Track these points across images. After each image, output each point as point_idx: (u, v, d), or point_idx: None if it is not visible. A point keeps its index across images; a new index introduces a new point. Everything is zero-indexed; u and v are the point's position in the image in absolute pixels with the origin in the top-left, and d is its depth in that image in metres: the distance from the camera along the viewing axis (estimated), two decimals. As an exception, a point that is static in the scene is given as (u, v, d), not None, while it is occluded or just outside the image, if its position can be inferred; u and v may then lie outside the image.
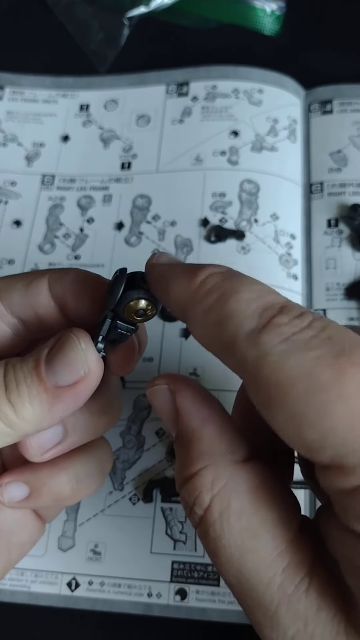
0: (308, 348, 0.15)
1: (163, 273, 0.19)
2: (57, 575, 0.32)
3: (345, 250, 0.38)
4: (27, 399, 0.19)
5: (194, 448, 0.18)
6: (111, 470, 0.33)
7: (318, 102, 0.43)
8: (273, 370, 0.15)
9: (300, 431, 0.15)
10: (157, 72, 0.45)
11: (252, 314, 0.16)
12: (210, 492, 0.17)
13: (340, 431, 0.14)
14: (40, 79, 0.46)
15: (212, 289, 0.17)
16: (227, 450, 0.18)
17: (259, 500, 0.17)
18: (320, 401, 0.14)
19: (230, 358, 0.17)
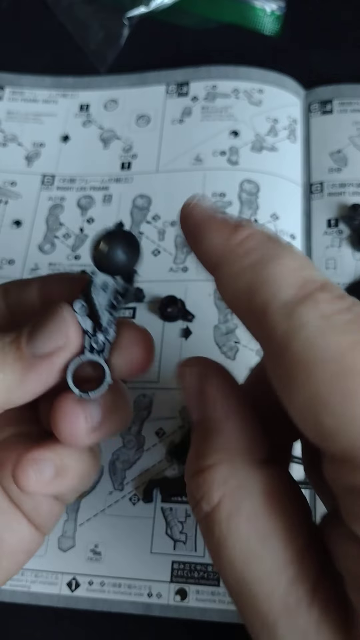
0: (345, 331, 0.14)
1: (201, 218, 0.17)
2: (57, 576, 0.32)
3: (345, 250, 0.38)
4: (1, 367, 0.19)
5: (212, 439, 0.17)
6: (111, 470, 0.33)
7: (318, 102, 0.43)
8: (305, 346, 0.14)
9: (318, 415, 0.14)
10: (157, 72, 0.45)
11: (293, 283, 0.15)
12: (222, 489, 0.16)
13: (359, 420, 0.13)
14: (40, 79, 0.46)
15: (253, 248, 0.16)
16: (247, 449, 0.17)
17: (272, 506, 0.16)
18: (347, 387, 0.13)
19: (257, 325, 0.16)
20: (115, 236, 0.20)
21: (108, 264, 0.20)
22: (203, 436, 0.18)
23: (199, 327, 0.36)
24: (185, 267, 0.38)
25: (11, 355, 0.19)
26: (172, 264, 0.38)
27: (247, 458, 0.17)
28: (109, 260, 0.20)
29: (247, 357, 0.35)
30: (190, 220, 0.18)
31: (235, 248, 0.16)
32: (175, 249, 0.39)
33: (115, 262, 0.20)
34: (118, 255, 0.20)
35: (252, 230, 0.17)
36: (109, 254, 0.20)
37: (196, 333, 0.36)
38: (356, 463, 0.14)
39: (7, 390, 0.19)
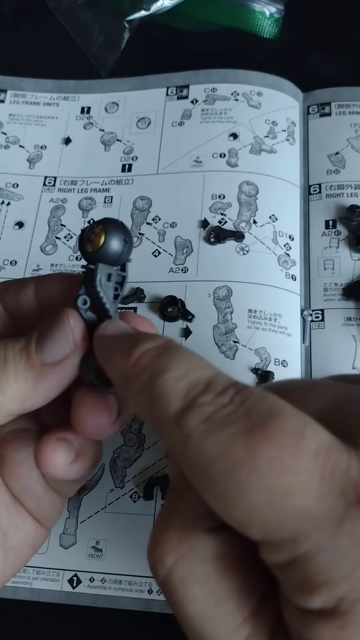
0: (225, 426, 0.15)
1: (105, 348, 0.19)
2: (58, 572, 0.32)
3: (343, 251, 0.38)
4: (12, 376, 0.20)
5: (175, 503, 0.18)
6: (112, 468, 0.34)
7: (316, 105, 0.43)
8: (195, 451, 0.15)
9: (227, 511, 0.15)
10: (157, 75, 0.45)
11: (178, 394, 0.16)
12: (174, 554, 0.17)
13: (261, 508, 0.14)
14: (42, 82, 0.46)
15: (144, 369, 0.17)
16: (201, 517, 0.17)
17: (223, 569, 0.17)
18: (238, 479, 0.14)
19: (163, 438, 0.17)
20: (111, 225, 0.20)
21: (109, 254, 0.20)
22: (172, 495, 0.18)
23: (199, 327, 0.37)
24: (185, 268, 0.38)
25: (22, 364, 0.20)
26: (172, 264, 0.39)
27: (202, 524, 0.17)
28: (109, 251, 0.20)
29: (247, 357, 0.35)
30: (97, 349, 0.20)
31: (129, 372, 0.18)
32: (175, 250, 0.39)
33: (115, 252, 0.20)
34: (117, 244, 0.20)
35: (144, 348, 0.18)
36: (109, 244, 0.20)
37: (196, 333, 0.36)
38: (272, 545, 0.15)
39: (21, 398, 0.20)
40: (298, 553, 0.14)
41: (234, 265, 0.38)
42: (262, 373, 0.35)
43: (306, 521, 0.14)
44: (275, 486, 0.14)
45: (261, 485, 0.14)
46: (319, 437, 0.15)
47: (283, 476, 0.14)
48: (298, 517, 0.14)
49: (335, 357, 0.36)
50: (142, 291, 0.37)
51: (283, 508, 0.14)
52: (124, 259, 0.21)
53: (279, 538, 0.14)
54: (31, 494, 0.23)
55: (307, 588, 0.14)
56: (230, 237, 0.38)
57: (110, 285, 0.21)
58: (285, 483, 0.14)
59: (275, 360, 0.35)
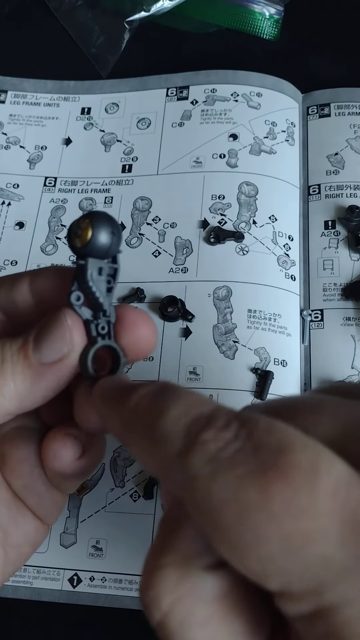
0: (233, 466, 0.14)
1: (101, 405, 0.19)
2: (59, 572, 0.32)
3: (343, 251, 0.38)
4: (10, 376, 0.20)
5: (170, 538, 0.16)
6: (112, 467, 0.34)
7: (316, 106, 0.43)
8: (202, 495, 0.14)
9: (241, 561, 0.13)
10: (157, 76, 0.45)
11: (179, 433, 0.15)
12: (172, 595, 0.15)
13: (278, 557, 0.13)
14: (42, 82, 0.47)
15: (143, 414, 0.17)
16: (200, 553, 0.16)
17: (225, 610, 0.15)
18: (251, 526, 0.13)
19: (168, 482, 0.16)
20: (97, 218, 0.20)
21: (98, 248, 0.20)
22: (165, 531, 0.17)
23: (199, 326, 0.37)
24: (185, 268, 0.38)
25: (20, 363, 0.20)
26: (172, 264, 0.39)
27: (201, 562, 0.16)
28: (98, 244, 0.20)
29: (246, 357, 0.36)
30: (96, 408, 0.19)
31: (129, 420, 0.17)
32: (175, 250, 0.39)
33: (104, 245, 0.20)
34: (105, 237, 0.20)
35: (140, 393, 0.17)
36: (97, 237, 0.20)
37: (196, 333, 0.37)
38: (292, 596, 0.14)
39: (18, 398, 0.20)
40: (322, 604, 0.13)
41: (234, 266, 0.38)
42: (262, 373, 0.35)
43: (329, 570, 0.13)
44: (292, 532, 0.13)
45: (277, 532, 0.13)
46: (336, 473, 0.13)
47: (300, 521, 0.13)
48: (320, 567, 0.13)
49: (334, 357, 0.36)
50: (142, 291, 0.38)
51: (302, 557, 0.13)
52: (113, 251, 0.20)
53: (300, 589, 0.13)
54: (32, 491, 0.23)
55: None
56: (230, 238, 0.38)
57: (102, 279, 0.21)
58: (302, 529, 0.13)
59: (275, 360, 0.36)
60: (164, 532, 0.17)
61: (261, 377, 0.35)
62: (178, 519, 0.16)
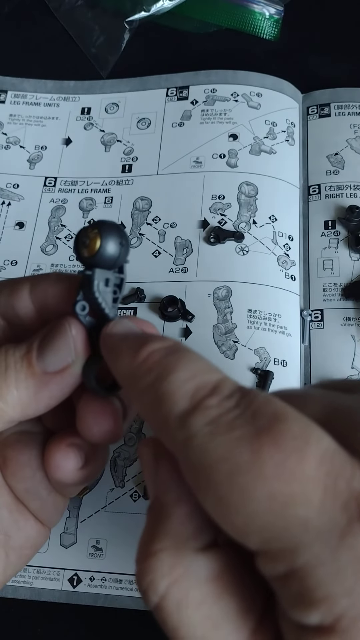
0: (231, 429, 0.15)
1: (112, 346, 0.19)
2: (59, 572, 0.32)
3: (343, 251, 0.38)
4: (14, 384, 0.20)
5: (162, 523, 0.17)
6: (112, 467, 0.34)
7: (316, 106, 0.43)
8: (198, 453, 0.15)
9: (227, 516, 0.14)
10: (157, 76, 0.45)
11: (184, 395, 0.16)
12: (167, 578, 0.16)
13: (261, 515, 0.14)
14: (42, 82, 0.47)
15: (151, 368, 0.17)
16: (192, 535, 0.17)
17: (219, 589, 0.16)
18: (241, 484, 0.14)
19: (164, 438, 0.17)
20: (106, 228, 0.20)
21: (106, 258, 0.19)
22: (154, 518, 0.17)
23: (199, 326, 0.37)
24: (185, 268, 0.38)
25: (23, 372, 0.20)
26: (172, 264, 0.39)
27: (193, 544, 0.17)
28: (106, 255, 0.19)
29: (246, 357, 0.36)
30: (105, 347, 0.20)
31: (136, 369, 0.18)
32: (175, 250, 0.39)
33: (112, 256, 0.20)
34: (113, 248, 0.19)
35: (152, 347, 0.18)
36: (106, 248, 0.19)
37: (196, 333, 0.37)
38: (270, 555, 0.14)
39: (22, 406, 0.20)
40: (297, 565, 0.14)
41: (234, 266, 0.38)
42: (262, 373, 0.35)
43: (307, 532, 0.14)
44: (278, 493, 0.14)
45: (264, 491, 0.14)
46: (324, 443, 0.14)
47: (287, 483, 0.14)
48: (299, 528, 0.14)
49: (334, 356, 0.36)
50: (142, 291, 0.38)
51: (285, 517, 0.14)
52: (121, 261, 0.20)
53: (277, 548, 0.14)
54: (34, 495, 0.23)
55: (305, 602, 0.14)
56: (230, 238, 0.38)
57: (108, 290, 0.20)
58: (288, 491, 0.14)
59: (275, 360, 0.36)
60: (153, 519, 0.17)
61: (261, 377, 0.35)
62: (166, 505, 0.17)
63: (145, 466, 0.18)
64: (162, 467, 0.18)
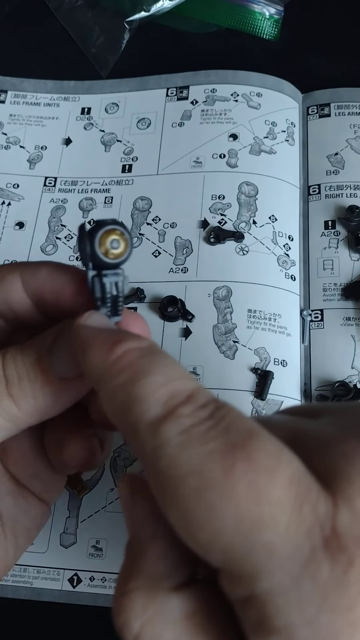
0: (203, 441, 0.14)
1: (85, 338, 0.18)
2: (59, 572, 0.32)
3: (343, 251, 0.38)
4: (30, 393, 0.19)
5: (136, 561, 0.17)
6: (112, 467, 0.34)
7: (316, 106, 0.43)
8: (168, 463, 0.14)
9: (191, 531, 0.14)
10: (157, 76, 0.45)
11: (157, 401, 0.15)
12: (141, 618, 0.16)
13: (227, 535, 0.13)
14: (42, 82, 0.47)
15: (125, 367, 0.16)
16: (166, 574, 0.16)
17: (193, 628, 0.16)
18: (209, 500, 0.14)
19: (132, 443, 0.16)
20: (128, 231, 0.19)
21: (125, 261, 0.19)
22: (130, 556, 0.17)
23: (199, 326, 0.37)
24: (185, 268, 0.38)
25: (39, 380, 0.19)
26: (172, 264, 0.39)
27: (167, 584, 0.16)
28: (128, 259, 0.19)
29: (246, 357, 0.36)
30: (76, 339, 0.18)
31: (109, 367, 0.17)
32: (175, 250, 0.39)
33: (128, 259, 0.19)
34: (131, 249, 0.19)
35: (127, 346, 0.17)
36: (129, 254, 0.19)
37: (196, 333, 0.37)
38: (231, 576, 0.14)
39: (41, 414, 0.20)
40: (257, 591, 0.13)
41: (234, 266, 0.38)
42: (262, 373, 0.35)
43: (271, 558, 0.13)
44: (246, 514, 0.13)
45: (233, 511, 0.13)
46: (294, 464, 0.14)
47: (257, 505, 0.13)
48: (263, 553, 0.13)
49: (334, 357, 0.36)
50: (142, 291, 0.38)
51: (250, 539, 0.13)
52: (126, 260, 0.20)
53: (239, 570, 0.14)
54: (38, 479, 0.23)
55: (264, 629, 0.13)
56: (230, 238, 0.38)
57: (118, 288, 0.20)
58: (257, 513, 0.13)
59: (275, 360, 0.36)
60: (130, 557, 0.17)
61: (261, 377, 0.35)
62: (141, 543, 0.17)
63: (122, 502, 0.18)
64: (138, 503, 0.17)
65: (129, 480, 0.18)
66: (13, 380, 0.19)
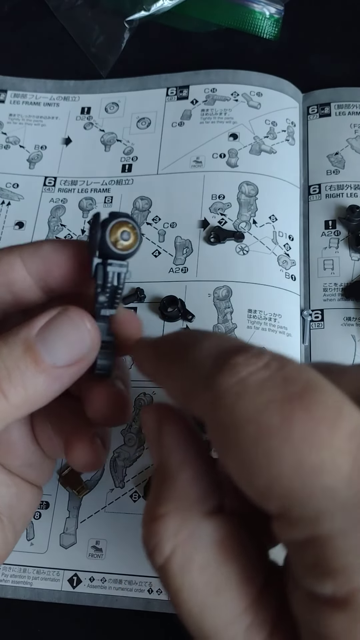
0: (261, 390, 0.14)
1: (140, 348, 0.20)
2: (58, 572, 0.32)
3: (343, 251, 0.38)
4: (21, 384, 0.19)
5: (167, 488, 0.17)
6: (112, 468, 0.34)
7: (316, 105, 0.43)
8: (226, 413, 0.15)
9: (250, 478, 0.14)
10: (157, 76, 0.45)
11: (209, 357, 0.16)
12: (173, 540, 0.16)
13: (285, 480, 0.14)
14: (42, 82, 0.46)
15: (176, 345, 0.18)
16: (199, 499, 0.17)
17: (224, 555, 0.16)
18: (268, 447, 0.14)
19: (190, 402, 0.16)
20: (137, 224, 0.20)
21: (134, 253, 0.20)
22: (159, 483, 0.17)
23: (199, 326, 0.37)
24: (185, 268, 0.38)
25: (30, 369, 0.19)
26: (172, 264, 0.39)
27: (199, 508, 0.17)
28: (136, 251, 0.20)
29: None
30: (135, 356, 0.20)
31: (161, 350, 0.18)
32: (175, 250, 0.39)
33: (137, 250, 0.20)
34: (140, 243, 0.20)
35: (171, 333, 0.19)
36: (139, 246, 0.20)
37: (196, 333, 0.36)
38: (289, 520, 0.14)
39: (31, 403, 0.19)
40: (317, 533, 0.14)
41: (234, 265, 0.38)
42: (262, 373, 0.35)
43: (333, 501, 0.13)
44: (306, 460, 0.13)
45: (292, 457, 0.14)
46: (356, 418, 0.14)
47: (317, 451, 0.13)
48: (324, 497, 0.13)
49: (334, 357, 0.36)
50: (142, 291, 0.38)
51: (311, 484, 0.13)
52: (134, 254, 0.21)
53: (299, 514, 0.14)
54: (31, 466, 0.23)
55: (321, 571, 0.14)
56: (230, 237, 0.38)
57: (120, 280, 0.21)
58: (317, 458, 0.13)
59: (275, 360, 0.35)
60: (159, 485, 0.17)
61: (261, 377, 0.35)
62: (171, 469, 0.17)
63: (148, 431, 0.18)
64: (166, 430, 0.18)
65: (156, 409, 0.19)
66: (2, 374, 0.19)
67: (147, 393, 0.35)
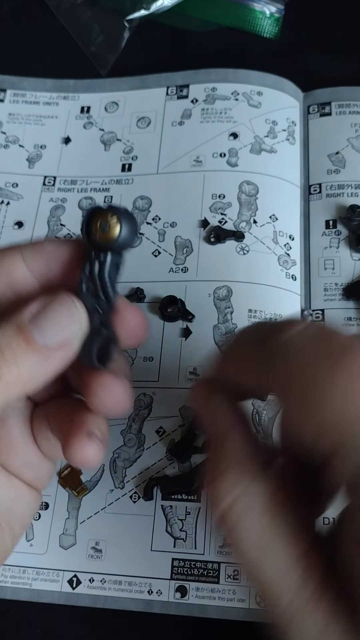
0: (305, 347, 0.17)
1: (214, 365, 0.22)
2: (58, 573, 0.32)
3: (344, 251, 0.38)
4: (13, 362, 0.19)
5: (222, 449, 0.20)
6: (112, 468, 0.34)
7: (317, 104, 0.43)
8: (286, 359, 0.17)
9: (305, 416, 0.16)
10: (157, 75, 0.45)
11: (276, 324, 0.19)
12: (231, 494, 0.18)
13: (339, 413, 0.16)
14: (42, 81, 0.46)
15: None
16: (251, 456, 0.19)
17: (276, 507, 0.18)
18: (322, 387, 0.16)
19: (270, 377, 0.19)
20: (125, 216, 0.20)
21: (121, 245, 0.20)
22: (215, 447, 0.20)
23: (199, 327, 0.36)
24: (185, 268, 0.38)
25: (22, 349, 0.19)
26: (172, 264, 0.39)
27: (252, 464, 0.19)
28: (122, 242, 0.20)
29: (247, 357, 0.35)
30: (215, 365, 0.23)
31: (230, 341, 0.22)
32: (175, 250, 0.39)
33: (126, 243, 0.20)
34: (129, 236, 0.20)
35: None
36: (124, 235, 0.20)
37: (196, 333, 0.36)
38: (342, 453, 0.16)
39: (23, 382, 0.20)
40: None
41: (234, 265, 0.38)
42: (263, 373, 0.35)
43: None
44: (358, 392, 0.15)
45: (343, 394, 0.16)
46: None
47: None
48: None
49: (335, 357, 0.36)
50: (142, 291, 0.37)
51: None
52: (130, 247, 0.21)
53: (353, 444, 0.15)
54: (29, 467, 0.23)
55: None
56: (230, 237, 0.38)
57: (116, 273, 0.21)
58: None
59: (276, 361, 0.35)
60: (216, 447, 0.20)
61: (262, 378, 0.35)
62: (224, 432, 0.20)
63: (200, 404, 0.21)
64: (215, 400, 0.21)
65: (205, 383, 0.21)
66: None
67: (147, 393, 0.35)
